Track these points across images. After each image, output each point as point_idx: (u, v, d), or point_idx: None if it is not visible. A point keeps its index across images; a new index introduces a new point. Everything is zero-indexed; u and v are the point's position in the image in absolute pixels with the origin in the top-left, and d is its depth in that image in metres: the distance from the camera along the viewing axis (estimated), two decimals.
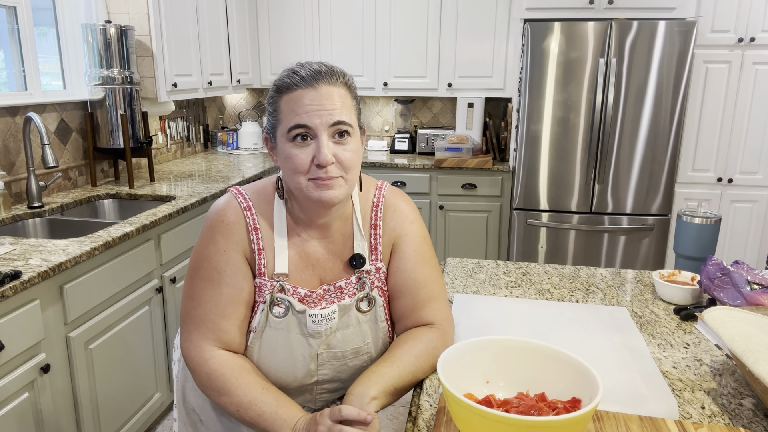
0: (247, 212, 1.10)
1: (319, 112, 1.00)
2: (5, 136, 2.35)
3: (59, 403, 1.80)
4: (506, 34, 3.76)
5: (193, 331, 1.08)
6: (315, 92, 1.00)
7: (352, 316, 1.12)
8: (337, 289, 1.12)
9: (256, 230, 1.09)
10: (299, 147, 1.01)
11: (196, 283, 1.09)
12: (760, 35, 3.23)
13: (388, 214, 1.16)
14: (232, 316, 1.08)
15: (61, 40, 2.81)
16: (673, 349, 1.21)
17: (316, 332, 1.09)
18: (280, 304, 1.09)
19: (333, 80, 1.02)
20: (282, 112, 1.03)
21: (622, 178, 3.36)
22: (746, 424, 0.95)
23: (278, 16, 3.99)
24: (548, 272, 1.68)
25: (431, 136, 4.05)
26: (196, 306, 1.09)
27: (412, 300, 1.15)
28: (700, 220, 1.56)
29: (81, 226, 2.37)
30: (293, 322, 1.09)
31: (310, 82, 1.01)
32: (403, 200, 1.19)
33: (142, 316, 2.21)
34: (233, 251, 1.08)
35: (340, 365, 1.14)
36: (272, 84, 1.06)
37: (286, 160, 1.03)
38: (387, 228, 1.15)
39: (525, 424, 0.76)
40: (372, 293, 1.13)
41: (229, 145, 4.22)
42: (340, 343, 1.12)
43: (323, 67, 1.03)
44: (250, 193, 1.13)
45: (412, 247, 1.16)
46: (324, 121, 1.00)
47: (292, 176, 1.03)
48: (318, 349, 1.10)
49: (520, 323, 1.31)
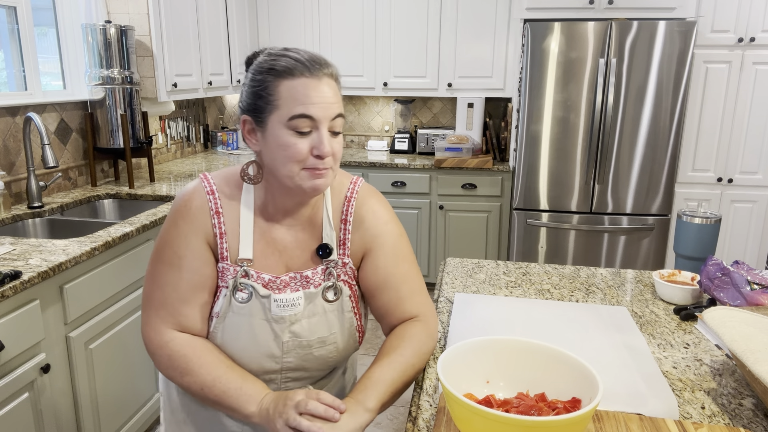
0: (210, 196, 1.09)
1: (323, 104, 1.00)
2: (5, 136, 2.35)
3: (59, 403, 1.80)
4: (506, 34, 3.76)
5: (153, 315, 1.08)
6: (319, 83, 1.00)
7: (318, 305, 1.12)
8: (304, 278, 1.11)
9: (218, 214, 1.09)
10: (299, 137, 1.01)
11: (157, 266, 1.09)
12: (760, 35, 3.23)
13: (360, 213, 1.16)
14: (191, 301, 1.08)
15: (61, 40, 2.81)
16: (673, 349, 1.21)
17: (279, 317, 1.08)
18: (244, 290, 1.08)
19: (329, 72, 1.03)
20: (281, 97, 1.00)
21: (622, 178, 3.36)
22: (746, 424, 0.95)
23: (278, 16, 3.99)
24: (548, 272, 1.68)
25: (431, 136, 4.05)
26: (156, 289, 1.08)
27: (395, 295, 1.15)
28: (700, 220, 1.56)
29: (81, 226, 2.37)
30: (257, 307, 1.08)
31: (315, 73, 1.00)
32: (377, 200, 1.18)
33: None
34: (194, 236, 1.08)
35: (305, 354, 1.13)
36: (261, 65, 1.02)
37: (280, 148, 1.02)
38: (359, 228, 1.15)
39: (525, 424, 0.77)
40: (338, 283, 1.13)
41: (229, 145, 4.22)
42: (306, 332, 1.11)
43: (319, 58, 1.03)
44: (217, 179, 1.12)
45: (389, 246, 1.16)
46: (327, 114, 1.01)
47: (285, 164, 1.02)
48: (283, 336, 1.10)
49: (520, 323, 1.31)
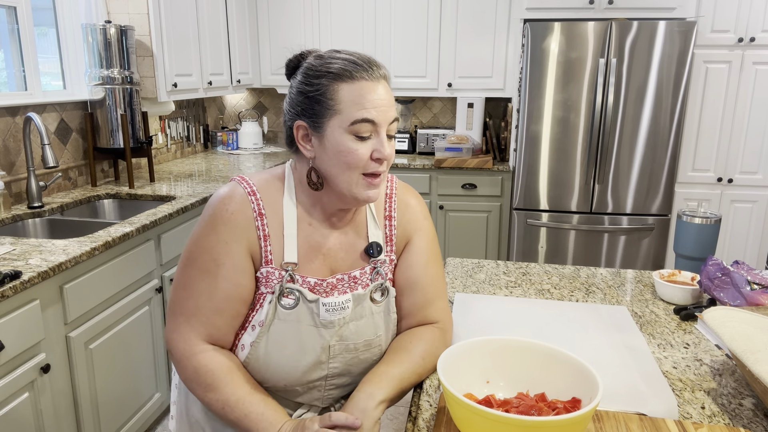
0: (252, 197, 1.04)
1: (383, 108, 0.99)
2: (5, 136, 2.35)
3: (59, 404, 1.80)
4: (506, 34, 3.76)
5: (183, 323, 1.03)
6: (378, 86, 0.99)
7: (366, 306, 1.08)
8: (351, 279, 1.08)
9: (261, 216, 1.04)
10: (360, 141, 0.99)
11: (191, 273, 1.03)
12: (760, 35, 3.23)
13: (401, 207, 1.15)
14: (225, 312, 1.03)
15: (61, 40, 2.81)
16: (673, 349, 1.21)
17: (329, 322, 1.04)
18: (289, 295, 1.03)
19: (384, 73, 1.02)
20: (342, 101, 0.97)
21: (622, 178, 3.36)
22: (746, 424, 0.95)
23: (278, 17, 3.99)
24: (548, 272, 1.68)
25: (431, 136, 4.05)
26: (188, 297, 1.03)
27: (422, 297, 1.14)
28: (700, 220, 1.56)
29: (81, 226, 2.37)
30: (304, 313, 1.04)
31: (374, 77, 0.99)
32: (414, 196, 1.19)
33: (142, 316, 2.21)
34: (235, 243, 1.02)
35: (351, 358, 1.09)
36: (317, 68, 1.00)
37: (340, 153, 0.98)
38: (402, 221, 1.14)
39: (525, 424, 0.77)
40: (386, 283, 1.11)
41: (229, 145, 4.22)
42: (353, 335, 1.07)
43: (373, 59, 1.01)
44: (255, 181, 1.08)
45: (425, 243, 1.15)
46: (387, 117, 1.00)
47: (345, 170, 0.99)
48: (330, 340, 1.06)
49: (520, 323, 1.31)
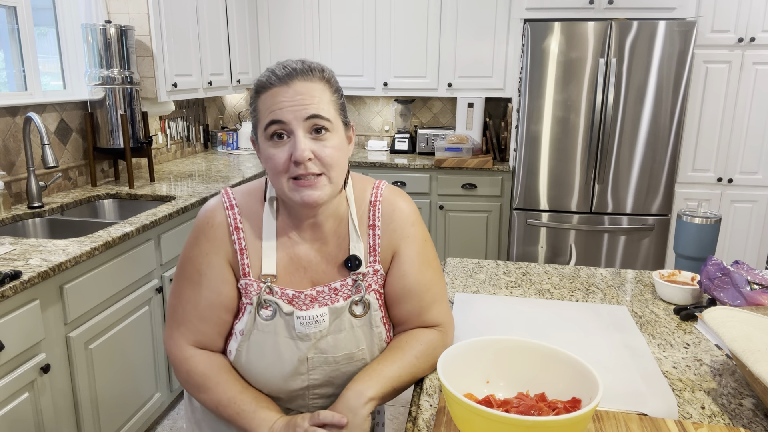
0: (229, 211, 1.09)
1: (292, 107, 0.98)
2: (5, 136, 2.35)
3: (59, 404, 1.80)
4: (506, 34, 3.76)
5: (175, 329, 1.10)
6: (289, 89, 0.99)
7: (345, 320, 1.08)
8: (332, 290, 1.09)
9: (237, 230, 1.08)
10: (277, 146, 1.00)
11: (180, 282, 1.11)
12: (760, 35, 3.23)
13: (387, 214, 1.13)
14: (210, 320, 1.08)
15: (61, 40, 2.81)
16: (673, 349, 1.21)
17: (304, 335, 1.05)
18: (268, 307, 1.06)
19: (308, 76, 1.00)
20: (260, 111, 1.01)
21: (622, 178, 3.36)
22: (746, 424, 0.95)
23: (278, 16, 3.99)
24: (548, 272, 1.68)
25: (431, 136, 4.05)
26: (178, 305, 1.10)
27: (418, 304, 1.12)
28: (700, 220, 1.56)
29: (81, 226, 2.37)
30: (281, 325, 1.06)
31: (285, 80, 0.99)
32: (403, 200, 1.15)
33: (142, 316, 2.21)
34: (215, 255, 1.08)
35: (332, 370, 1.09)
36: (253, 85, 1.05)
37: (266, 161, 1.02)
38: (387, 229, 1.12)
39: (525, 424, 0.76)
40: (367, 297, 1.09)
41: (229, 145, 4.22)
42: (332, 348, 1.07)
43: (299, 65, 1.01)
44: (239, 194, 1.11)
45: (415, 251, 1.12)
46: (298, 115, 0.98)
47: (274, 177, 1.02)
48: (308, 353, 1.07)
49: (520, 323, 1.31)
